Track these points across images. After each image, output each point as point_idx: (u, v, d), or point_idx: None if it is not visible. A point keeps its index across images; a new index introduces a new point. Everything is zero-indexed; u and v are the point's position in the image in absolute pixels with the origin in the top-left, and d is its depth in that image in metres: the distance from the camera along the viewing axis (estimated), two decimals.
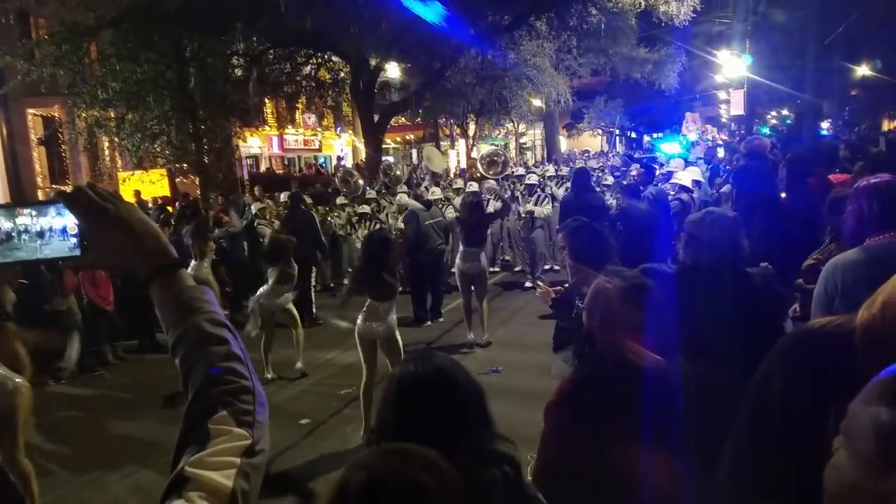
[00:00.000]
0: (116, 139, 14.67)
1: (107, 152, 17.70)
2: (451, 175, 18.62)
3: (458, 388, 1.61)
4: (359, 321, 5.41)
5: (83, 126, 14.18)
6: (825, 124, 25.72)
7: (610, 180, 12.85)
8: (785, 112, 33.85)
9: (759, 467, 1.35)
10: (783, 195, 6.63)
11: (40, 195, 15.93)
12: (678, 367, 2.15)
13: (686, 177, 9.11)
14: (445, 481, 1.07)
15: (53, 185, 16.66)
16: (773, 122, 35.09)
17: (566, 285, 4.01)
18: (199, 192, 14.34)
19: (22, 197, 15.02)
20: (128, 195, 15.03)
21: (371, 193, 11.97)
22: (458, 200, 11.80)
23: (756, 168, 6.93)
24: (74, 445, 5.77)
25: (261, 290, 6.98)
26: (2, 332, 4.52)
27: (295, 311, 7.21)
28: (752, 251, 4.02)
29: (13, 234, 1.05)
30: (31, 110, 16.54)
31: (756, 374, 1.41)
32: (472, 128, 24.88)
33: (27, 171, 16.32)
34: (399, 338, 5.52)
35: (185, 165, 14.84)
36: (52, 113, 16.66)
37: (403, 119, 26.39)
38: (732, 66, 25.67)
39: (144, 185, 15.88)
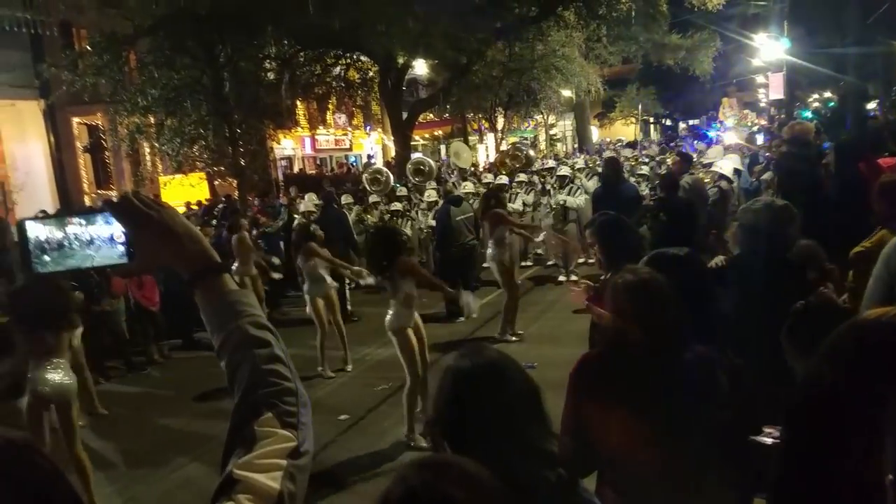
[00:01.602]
0: (156, 144, 15.08)
1: (148, 157, 18.18)
2: (481, 169, 18.63)
3: (513, 385, 1.61)
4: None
5: (125, 133, 14.63)
6: (872, 106, 24.79)
7: (645, 170, 12.71)
8: (828, 94, 32.75)
9: (811, 467, 1.30)
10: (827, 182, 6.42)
11: (87, 201, 16.50)
12: (697, 354, 2.18)
13: (727, 165, 8.92)
14: (480, 495, 1.04)
15: (99, 191, 17.21)
16: (816, 105, 33.98)
17: (602, 279, 4.01)
18: (236, 193, 14.68)
19: (69, 202, 15.57)
20: (169, 199, 15.46)
21: (401, 191, 12.08)
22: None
23: (799, 155, 6.75)
24: (124, 441, 6.01)
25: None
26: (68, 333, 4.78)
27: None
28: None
29: (65, 242, 1.09)
30: (75, 119, 17.09)
31: (808, 368, 1.39)
32: (500, 121, 24.79)
33: (74, 177, 16.89)
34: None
35: (222, 168, 15.18)
36: (96, 121, 17.20)
37: (431, 115, 26.45)
38: (770, 49, 24.92)
39: (184, 188, 16.30)
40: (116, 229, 1.10)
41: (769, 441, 2.22)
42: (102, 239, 1.11)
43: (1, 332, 4.64)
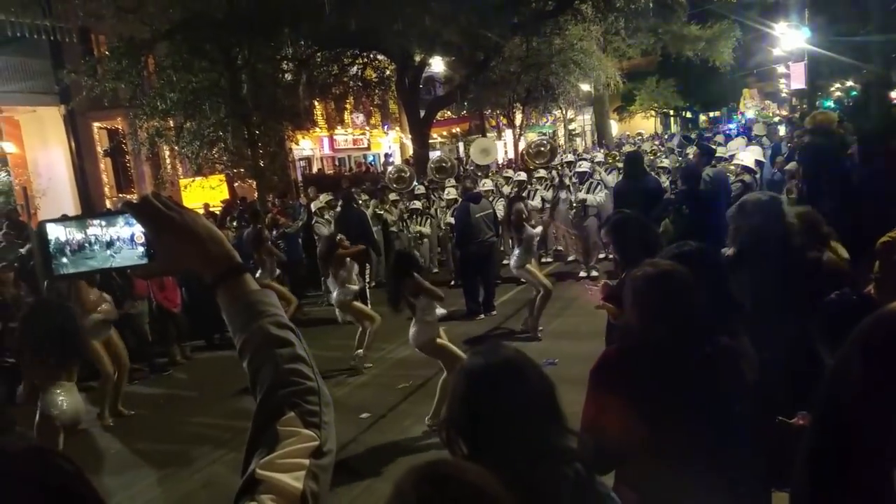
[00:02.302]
0: (176, 147, 15.22)
1: (168, 160, 18.38)
2: (500, 165, 18.54)
3: (528, 382, 1.59)
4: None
5: (145, 136, 14.78)
6: (894, 94, 24.31)
7: (666, 163, 12.54)
8: (850, 83, 32.15)
9: (834, 457, 1.33)
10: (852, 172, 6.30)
11: (108, 204, 16.71)
12: (716, 345, 2.14)
13: (749, 157, 8.76)
14: None
15: (120, 195, 17.42)
16: (838, 94, 33.38)
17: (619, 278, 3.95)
18: (256, 195, 14.76)
19: (91, 206, 15.78)
20: (190, 202, 15.59)
21: (420, 189, 12.06)
22: (506, 189, 11.78)
23: (822, 145, 6.61)
24: (147, 442, 6.05)
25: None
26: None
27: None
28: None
29: (85, 244, 1.10)
30: (96, 124, 17.31)
31: (835, 359, 1.40)
32: (518, 117, 24.68)
33: (95, 181, 17.11)
34: None
35: (241, 170, 15.27)
36: (116, 125, 17.40)
37: (449, 113, 26.41)
38: (790, 38, 24.54)
39: (205, 190, 16.42)
40: (137, 230, 1.10)
41: (801, 422, 2.19)
42: (123, 240, 1.11)
43: None
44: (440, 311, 5.51)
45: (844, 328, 1.46)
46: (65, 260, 1.09)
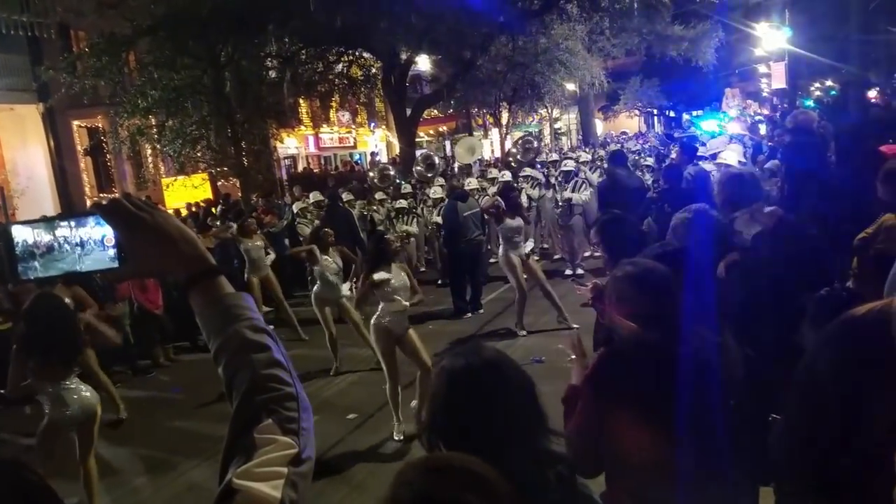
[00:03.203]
0: (158, 146, 15.04)
1: (150, 159, 18.18)
2: (488, 163, 18.53)
3: (509, 384, 1.57)
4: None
5: (126, 135, 14.59)
6: (872, 94, 24.67)
7: (650, 161, 12.60)
8: (829, 83, 32.59)
9: (807, 454, 1.38)
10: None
11: (88, 204, 16.47)
12: (706, 344, 2.14)
13: (731, 156, 8.83)
14: (492, 499, 1.02)
15: (101, 194, 17.17)
16: (818, 94, 33.83)
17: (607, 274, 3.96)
18: (240, 194, 14.62)
19: (71, 206, 15.53)
20: (172, 201, 15.41)
21: (407, 188, 12.01)
22: (492, 190, 11.76)
23: (804, 144, 6.68)
24: (130, 446, 5.95)
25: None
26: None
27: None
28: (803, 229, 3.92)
29: (54, 245, 1.05)
30: (76, 122, 17.05)
31: (803, 361, 1.44)
32: (504, 116, 24.69)
33: (75, 181, 16.85)
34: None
35: (225, 168, 15.12)
36: (96, 123, 17.17)
37: (436, 111, 26.37)
38: (772, 38, 24.80)
39: (187, 189, 16.24)
40: (108, 231, 1.06)
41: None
42: (94, 241, 1.06)
43: None
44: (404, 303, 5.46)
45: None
46: (35, 263, 1.04)
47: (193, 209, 14.56)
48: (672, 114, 38.25)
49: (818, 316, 2.44)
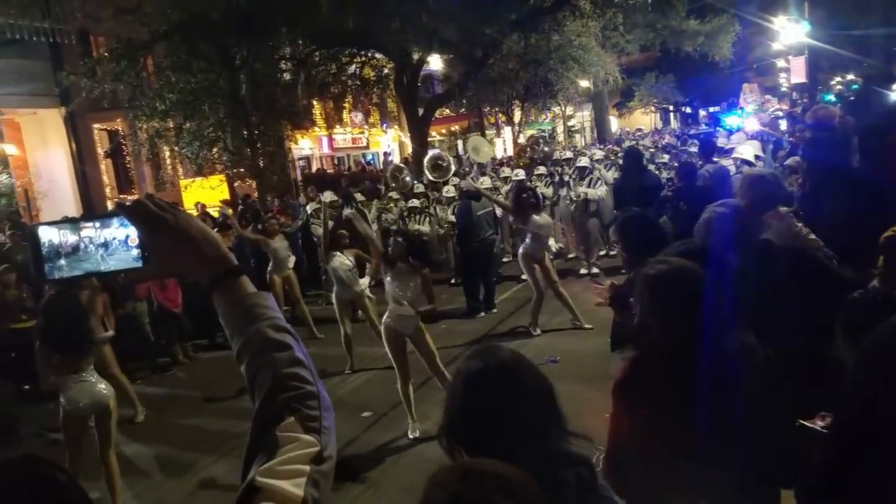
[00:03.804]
0: (176, 148, 15.24)
1: (168, 161, 18.38)
2: (501, 161, 18.51)
3: (527, 386, 1.56)
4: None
5: (144, 137, 14.81)
6: None
7: (665, 158, 12.54)
8: (850, 77, 32.07)
9: (859, 461, 1.35)
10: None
11: (109, 206, 16.72)
12: (735, 344, 2.10)
13: (748, 151, 8.75)
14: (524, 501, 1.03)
15: (121, 196, 17.43)
16: (838, 88, 33.31)
17: (623, 272, 3.91)
18: (256, 194, 14.77)
19: (92, 208, 15.79)
20: (190, 202, 15.59)
21: (419, 187, 12.05)
22: (505, 189, 11.77)
23: (824, 139, 6.59)
24: (151, 443, 6.06)
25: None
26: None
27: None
28: (824, 228, 3.88)
29: (79, 246, 1.08)
30: (96, 125, 17.32)
31: (855, 364, 1.41)
32: (517, 114, 24.63)
33: (96, 183, 17.12)
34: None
35: (241, 170, 15.29)
36: (116, 126, 17.41)
37: (448, 110, 26.38)
38: (790, 32, 24.48)
39: (205, 190, 16.42)
40: (132, 232, 1.08)
41: (819, 426, 2.16)
42: (118, 242, 1.09)
43: None
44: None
45: (867, 326, 1.44)
46: (61, 262, 1.07)
47: (208, 210, 14.68)
48: (688, 110, 37.92)
49: (852, 318, 2.40)
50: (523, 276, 8.50)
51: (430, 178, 11.46)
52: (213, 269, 1.08)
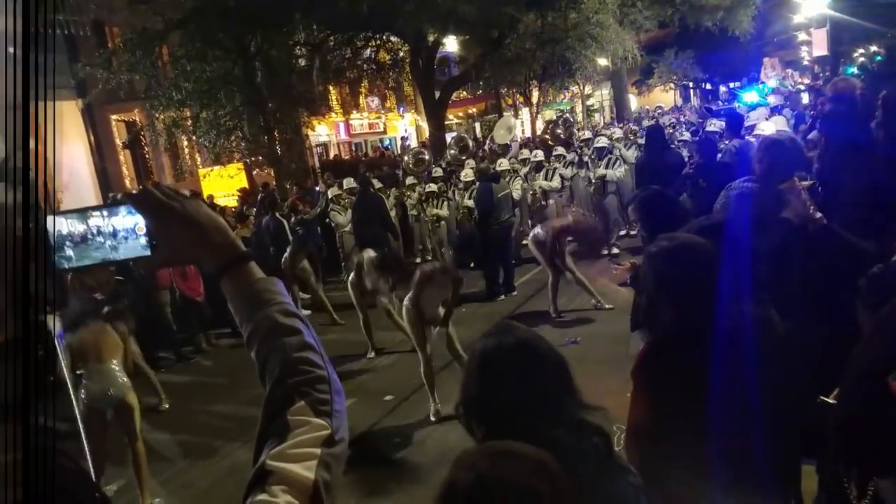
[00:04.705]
0: (193, 137, 15.33)
1: (186, 151, 18.51)
2: (521, 143, 18.33)
3: (542, 361, 1.59)
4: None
5: (162, 127, 14.89)
6: None
7: (686, 136, 12.31)
8: (874, 49, 31.20)
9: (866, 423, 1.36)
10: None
11: None
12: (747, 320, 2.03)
13: (769, 127, 8.57)
14: (554, 486, 1.05)
15: (140, 186, 17.61)
16: (861, 60, 32.43)
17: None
18: (274, 182, 14.82)
19: (112, 199, 15.98)
20: (209, 191, 15.70)
21: (437, 171, 11.98)
22: (524, 171, 11.65)
23: (844, 113, 6.40)
24: (176, 430, 6.13)
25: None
26: (115, 330, 4.90)
27: None
28: (843, 205, 3.77)
29: (88, 235, 1.07)
30: (113, 116, 17.46)
31: (865, 336, 1.43)
32: (535, 95, 24.34)
33: (115, 174, 17.30)
34: None
35: (259, 158, 15.33)
36: (133, 117, 17.55)
37: (465, 93, 26.16)
38: (812, 4, 23.87)
39: (223, 179, 16.52)
40: (140, 220, 1.07)
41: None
42: (126, 230, 1.08)
43: None
44: None
45: (888, 301, 1.40)
46: (70, 253, 1.06)
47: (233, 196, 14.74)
48: (709, 86, 37.25)
49: (872, 293, 2.34)
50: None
51: (458, 157, 11.34)
52: (221, 256, 1.07)
